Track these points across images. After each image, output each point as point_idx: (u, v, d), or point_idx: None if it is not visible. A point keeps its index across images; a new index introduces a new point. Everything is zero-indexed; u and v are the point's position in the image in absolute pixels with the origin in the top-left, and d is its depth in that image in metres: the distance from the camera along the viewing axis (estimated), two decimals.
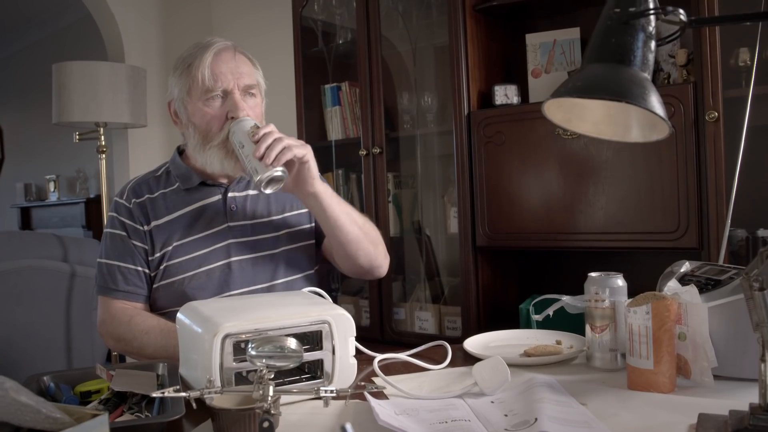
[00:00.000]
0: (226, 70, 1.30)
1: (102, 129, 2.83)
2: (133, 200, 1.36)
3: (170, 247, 1.32)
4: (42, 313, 2.46)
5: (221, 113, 1.29)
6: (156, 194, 1.38)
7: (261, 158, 1.19)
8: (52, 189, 5.71)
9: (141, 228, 1.34)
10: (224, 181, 1.39)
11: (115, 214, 1.37)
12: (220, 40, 1.34)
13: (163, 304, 1.33)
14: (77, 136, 2.94)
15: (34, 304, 2.43)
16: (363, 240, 1.36)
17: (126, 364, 1.08)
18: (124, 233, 1.35)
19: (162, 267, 1.32)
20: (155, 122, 3.30)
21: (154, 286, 1.34)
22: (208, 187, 1.38)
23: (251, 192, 1.41)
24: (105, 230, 1.40)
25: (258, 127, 1.23)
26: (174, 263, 1.32)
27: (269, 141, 1.20)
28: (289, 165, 1.22)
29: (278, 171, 1.20)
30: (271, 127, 1.23)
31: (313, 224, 1.43)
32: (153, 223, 1.34)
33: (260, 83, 1.37)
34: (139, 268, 1.33)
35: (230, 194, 1.38)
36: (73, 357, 2.55)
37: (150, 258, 1.33)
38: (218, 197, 1.38)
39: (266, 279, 1.35)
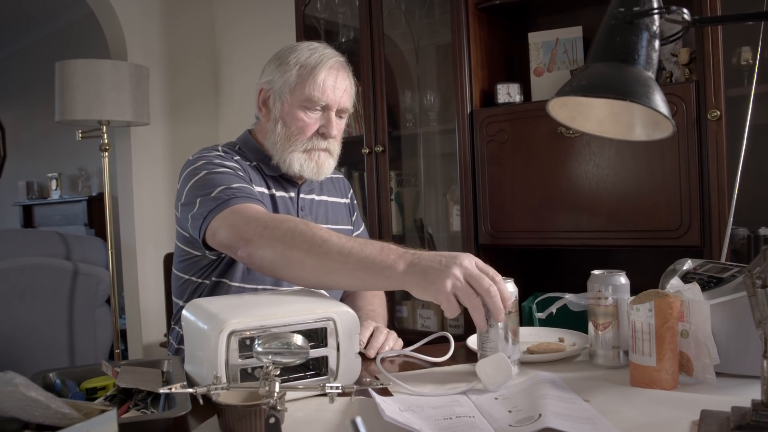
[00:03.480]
0: (336, 86, 1.32)
1: (105, 127, 2.83)
2: (231, 155, 1.35)
3: None
4: (45, 311, 2.46)
5: (315, 124, 1.32)
6: (241, 164, 1.35)
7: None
8: (54, 187, 5.71)
9: (245, 175, 1.31)
10: (298, 179, 1.41)
11: (214, 157, 1.30)
12: (334, 52, 1.35)
13: (235, 278, 1.31)
14: (80, 134, 2.94)
15: (36, 302, 2.43)
16: None
17: (131, 360, 1.08)
18: (231, 169, 1.27)
19: None
20: (158, 120, 3.31)
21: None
22: (285, 180, 1.40)
23: (316, 197, 1.46)
24: (201, 173, 1.26)
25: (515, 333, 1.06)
26: None
27: None
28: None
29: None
30: None
31: None
32: None
33: (350, 109, 1.38)
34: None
35: (301, 195, 1.42)
36: (75, 354, 2.55)
37: None
38: (292, 194, 1.41)
39: None
